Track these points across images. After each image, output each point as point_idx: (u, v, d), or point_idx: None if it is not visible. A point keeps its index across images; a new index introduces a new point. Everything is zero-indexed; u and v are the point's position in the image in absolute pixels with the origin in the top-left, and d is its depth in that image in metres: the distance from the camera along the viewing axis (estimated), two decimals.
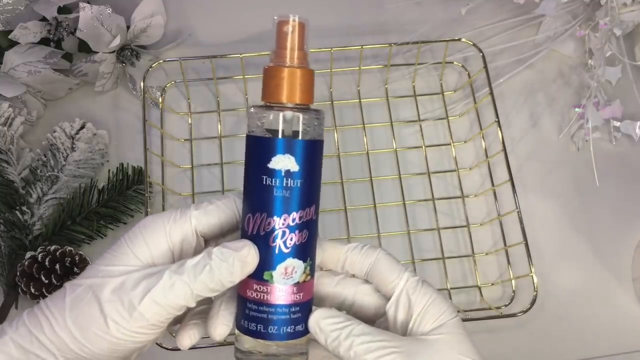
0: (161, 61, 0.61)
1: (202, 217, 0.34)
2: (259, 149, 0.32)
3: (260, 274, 0.33)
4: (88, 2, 0.59)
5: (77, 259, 0.54)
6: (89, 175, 0.60)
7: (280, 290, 0.33)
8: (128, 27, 0.62)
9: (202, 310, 0.36)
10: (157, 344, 0.49)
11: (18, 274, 0.54)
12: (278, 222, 0.32)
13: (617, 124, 0.64)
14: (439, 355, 0.32)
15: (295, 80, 0.33)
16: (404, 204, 0.60)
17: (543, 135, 0.65)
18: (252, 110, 0.34)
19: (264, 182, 0.32)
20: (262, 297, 0.33)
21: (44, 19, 0.61)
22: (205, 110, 0.64)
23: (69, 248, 0.55)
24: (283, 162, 0.32)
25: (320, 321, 0.33)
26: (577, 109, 0.62)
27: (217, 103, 0.64)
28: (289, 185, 0.32)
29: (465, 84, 0.65)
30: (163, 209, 0.59)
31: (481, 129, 0.61)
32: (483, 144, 0.61)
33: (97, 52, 0.60)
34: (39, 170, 0.58)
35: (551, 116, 0.65)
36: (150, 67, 0.60)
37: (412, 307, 0.34)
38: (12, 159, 0.58)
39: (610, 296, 0.58)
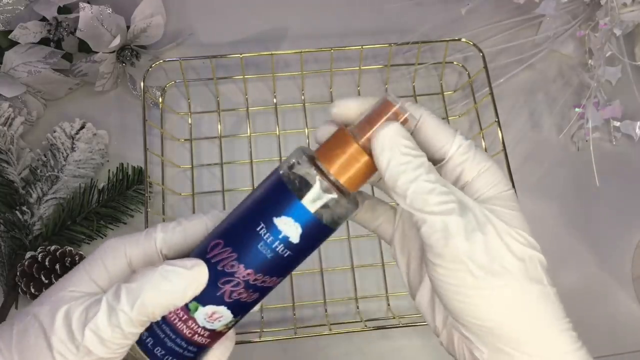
0: (161, 61, 0.60)
1: (167, 239, 0.31)
2: (278, 197, 0.29)
3: None
4: (88, 2, 0.59)
5: (77, 259, 0.54)
6: (89, 175, 0.60)
7: (193, 325, 0.30)
8: (128, 27, 0.62)
9: None
10: None
11: (18, 274, 0.54)
12: (241, 272, 0.29)
13: (617, 124, 0.64)
14: (493, 221, 0.29)
15: (358, 164, 0.29)
16: None
17: (543, 135, 0.65)
18: (298, 152, 0.30)
19: (257, 229, 0.29)
20: (172, 319, 0.30)
21: (44, 19, 0.61)
22: (205, 110, 0.64)
23: (69, 248, 0.55)
24: (288, 228, 0.29)
25: (396, 137, 0.28)
26: (577, 109, 0.62)
27: (217, 103, 0.64)
28: (277, 249, 0.29)
29: (465, 84, 0.65)
30: (163, 209, 0.59)
31: (481, 129, 0.61)
32: (483, 144, 0.61)
33: (97, 52, 0.60)
34: (39, 170, 0.58)
35: (551, 116, 0.65)
36: (150, 67, 0.60)
37: (464, 174, 0.30)
38: (12, 159, 0.58)
39: (610, 296, 0.58)
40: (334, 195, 0.29)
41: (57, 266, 0.53)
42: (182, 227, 0.31)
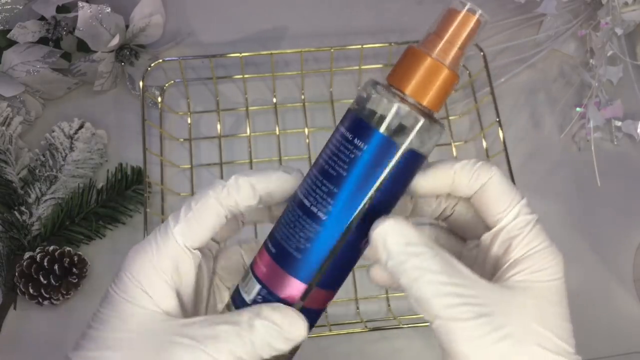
0: (160, 61, 0.60)
1: (185, 232, 0.29)
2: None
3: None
4: (87, 1, 0.59)
5: (75, 259, 0.54)
6: (88, 175, 0.59)
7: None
8: (127, 27, 0.62)
9: None
10: None
11: (16, 274, 0.53)
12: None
13: (619, 123, 0.64)
14: (518, 320, 0.26)
15: (436, 78, 0.26)
16: None
17: (544, 135, 0.64)
18: (367, 84, 0.28)
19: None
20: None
21: (42, 18, 0.61)
22: (205, 110, 0.64)
23: (68, 248, 0.54)
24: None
25: (388, 235, 0.26)
26: (578, 109, 0.62)
27: (216, 103, 0.64)
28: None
29: (466, 84, 0.65)
30: (162, 210, 0.59)
31: (482, 128, 0.61)
32: (484, 143, 0.60)
33: (95, 52, 0.60)
34: (37, 170, 0.58)
35: (552, 116, 0.65)
36: (150, 66, 0.60)
37: (511, 250, 0.28)
38: (11, 159, 0.57)
39: (611, 297, 0.58)
40: (419, 116, 0.26)
41: (56, 267, 0.53)
42: (193, 211, 0.29)
